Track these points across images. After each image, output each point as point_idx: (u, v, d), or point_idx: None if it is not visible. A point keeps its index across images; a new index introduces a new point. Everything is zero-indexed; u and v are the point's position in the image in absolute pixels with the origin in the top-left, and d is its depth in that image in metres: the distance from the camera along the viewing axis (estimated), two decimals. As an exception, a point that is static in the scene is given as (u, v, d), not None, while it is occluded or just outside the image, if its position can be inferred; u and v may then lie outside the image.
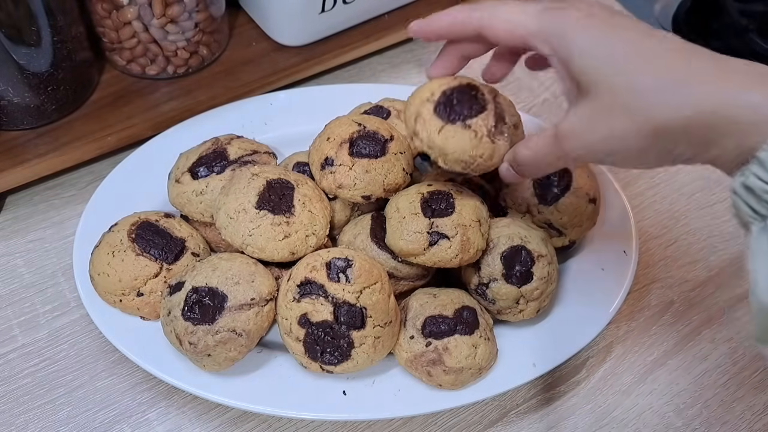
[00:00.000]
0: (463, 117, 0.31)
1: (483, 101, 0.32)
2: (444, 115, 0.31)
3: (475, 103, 0.31)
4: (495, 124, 0.32)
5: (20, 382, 0.38)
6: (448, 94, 0.31)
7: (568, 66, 0.27)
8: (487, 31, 0.29)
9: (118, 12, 0.44)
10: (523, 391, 0.40)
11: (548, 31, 0.27)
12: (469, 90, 0.32)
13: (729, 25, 0.62)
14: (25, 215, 0.45)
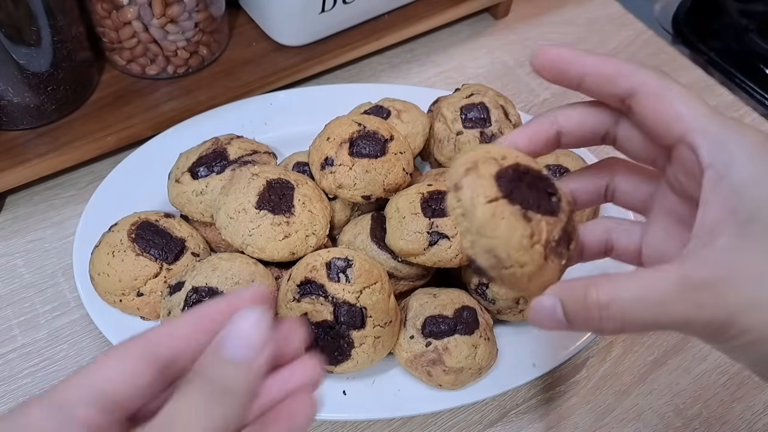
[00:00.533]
0: (527, 204, 0.22)
1: (557, 207, 0.23)
2: (505, 187, 0.22)
3: (547, 201, 0.23)
4: (558, 240, 0.23)
5: (20, 382, 0.38)
6: (522, 171, 0.23)
7: (727, 185, 0.20)
8: (642, 102, 0.21)
9: (118, 12, 0.44)
10: (523, 391, 0.40)
11: (724, 139, 0.20)
12: (547, 185, 0.23)
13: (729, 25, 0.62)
14: (25, 215, 0.45)
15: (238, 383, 0.18)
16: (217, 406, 0.17)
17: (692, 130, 0.20)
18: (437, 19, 0.55)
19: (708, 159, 0.20)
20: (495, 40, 0.59)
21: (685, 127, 0.21)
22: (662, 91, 0.21)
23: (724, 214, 0.19)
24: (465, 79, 0.55)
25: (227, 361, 0.18)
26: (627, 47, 0.60)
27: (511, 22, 0.60)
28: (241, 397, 0.18)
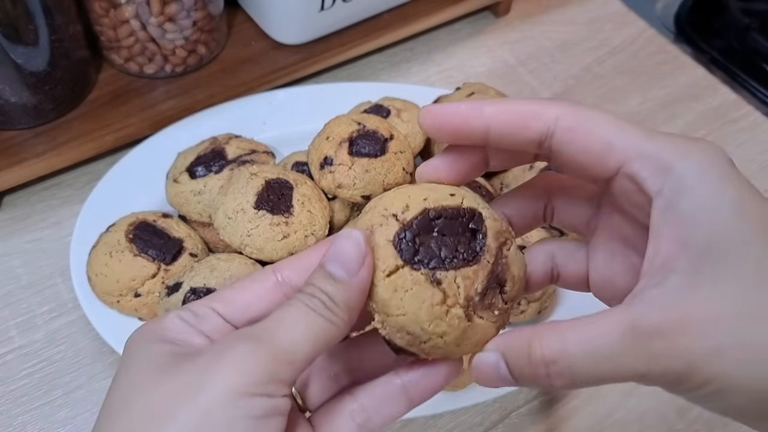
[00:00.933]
0: (436, 263, 0.19)
1: (479, 249, 0.20)
2: (407, 251, 0.19)
3: (466, 246, 0.20)
4: (483, 291, 0.20)
5: (18, 384, 0.38)
6: (431, 218, 0.20)
7: (676, 215, 0.17)
8: (563, 140, 0.19)
9: (116, 10, 0.43)
10: (525, 392, 0.39)
11: (667, 161, 0.18)
12: (467, 219, 0.20)
13: (731, 24, 0.62)
14: (23, 215, 0.45)
15: (339, 298, 0.19)
16: (319, 317, 0.19)
17: (629, 159, 0.18)
18: (437, 18, 0.54)
19: (655, 187, 0.18)
20: (496, 39, 0.58)
21: (620, 156, 0.18)
22: (582, 123, 0.19)
23: (675, 248, 0.17)
24: (465, 77, 0.55)
25: (329, 277, 0.19)
26: (628, 46, 0.59)
27: (512, 20, 0.60)
28: (341, 312, 0.19)
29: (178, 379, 0.18)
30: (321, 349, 0.19)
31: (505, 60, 0.57)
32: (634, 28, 0.61)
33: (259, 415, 0.17)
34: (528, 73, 0.56)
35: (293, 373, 0.18)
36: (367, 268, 0.19)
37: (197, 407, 0.17)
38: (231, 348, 0.18)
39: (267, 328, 0.19)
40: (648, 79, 0.57)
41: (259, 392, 0.17)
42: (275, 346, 0.18)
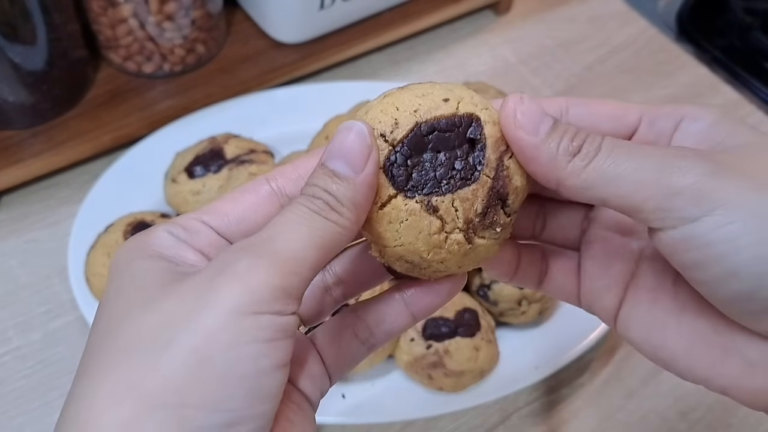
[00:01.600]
0: (431, 187, 0.18)
1: (478, 161, 0.18)
2: (399, 178, 0.18)
3: (463, 160, 0.18)
4: (484, 211, 0.18)
5: (15, 385, 0.38)
6: (424, 134, 0.18)
7: None
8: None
9: (114, 9, 0.43)
10: (525, 394, 0.39)
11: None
12: (464, 129, 0.18)
13: (733, 23, 0.62)
14: (20, 215, 0.44)
15: (345, 197, 0.17)
16: (321, 220, 0.17)
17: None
18: (438, 16, 0.54)
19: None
20: (496, 37, 0.58)
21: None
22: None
23: None
24: (466, 76, 0.54)
25: (332, 175, 0.17)
26: (630, 45, 0.59)
27: (513, 18, 0.59)
28: (348, 212, 0.17)
29: (175, 300, 0.16)
30: (329, 255, 0.17)
31: (505, 59, 0.57)
32: (636, 27, 0.60)
33: (269, 337, 0.16)
34: (529, 72, 0.56)
35: (301, 284, 0.16)
36: (373, 163, 0.17)
37: (199, 330, 0.15)
38: (231, 263, 0.16)
39: (267, 237, 0.16)
40: (650, 78, 0.57)
41: (265, 310, 0.16)
42: (278, 256, 0.16)
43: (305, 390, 0.19)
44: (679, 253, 0.17)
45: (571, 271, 0.22)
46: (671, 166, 0.17)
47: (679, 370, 0.20)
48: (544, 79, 0.56)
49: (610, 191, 0.18)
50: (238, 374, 0.15)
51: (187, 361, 0.15)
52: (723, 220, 0.16)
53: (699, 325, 0.19)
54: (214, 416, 0.15)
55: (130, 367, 0.15)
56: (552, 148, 0.18)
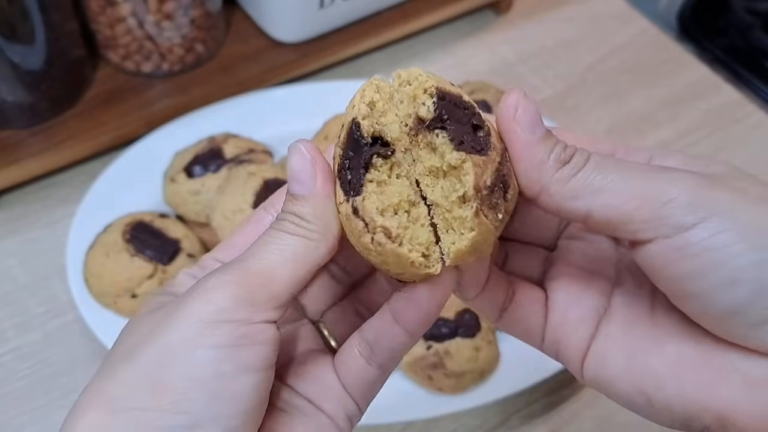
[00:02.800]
0: (356, 188, 0.18)
1: (485, 143, 0.18)
2: (347, 182, 0.18)
3: (472, 135, 0.18)
4: (492, 187, 0.18)
5: (15, 385, 0.38)
6: (356, 132, 0.18)
7: None
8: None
9: (113, 8, 0.43)
10: (526, 395, 0.39)
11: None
12: (468, 114, 0.18)
13: (734, 23, 0.62)
14: (19, 215, 0.44)
15: (306, 213, 0.18)
16: (289, 236, 0.18)
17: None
18: (438, 15, 0.54)
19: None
20: (497, 37, 0.58)
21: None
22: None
23: None
24: (466, 75, 0.54)
25: (292, 198, 0.19)
26: (631, 44, 0.59)
27: (513, 18, 0.59)
28: (314, 226, 0.18)
29: (151, 320, 0.18)
30: (305, 268, 0.18)
31: (506, 58, 0.57)
32: (637, 27, 0.60)
33: (230, 343, 0.17)
34: (529, 72, 0.56)
35: (272, 295, 0.17)
36: (322, 175, 0.18)
37: (160, 342, 0.17)
38: (202, 282, 0.18)
39: (240, 258, 0.18)
40: (651, 77, 0.57)
41: (227, 318, 0.17)
42: (246, 271, 0.18)
43: (320, 404, 0.19)
44: (672, 264, 0.17)
45: (538, 301, 0.21)
46: (660, 177, 0.17)
47: (666, 397, 0.18)
48: (544, 78, 0.55)
49: (597, 202, 0.17)
50: (196, 378, 0.16)
51: (148, 368, 0.17)
52: (719, 226, 0.16)
53: (686, 350, 0.18)
54: (174, 418, 0.16)
55: (102, 378, 0.17)
56: (544, 153, 0.18)
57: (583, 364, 0.20)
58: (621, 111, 0.54)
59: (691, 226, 0.16)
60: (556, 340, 0.20)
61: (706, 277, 0.17)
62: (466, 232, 0.17)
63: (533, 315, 0.21)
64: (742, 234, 0.16)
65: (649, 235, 0.17)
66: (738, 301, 0.16)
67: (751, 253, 0.16)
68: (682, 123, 0.54)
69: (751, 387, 0.17)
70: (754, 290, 0.16)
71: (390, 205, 0.18)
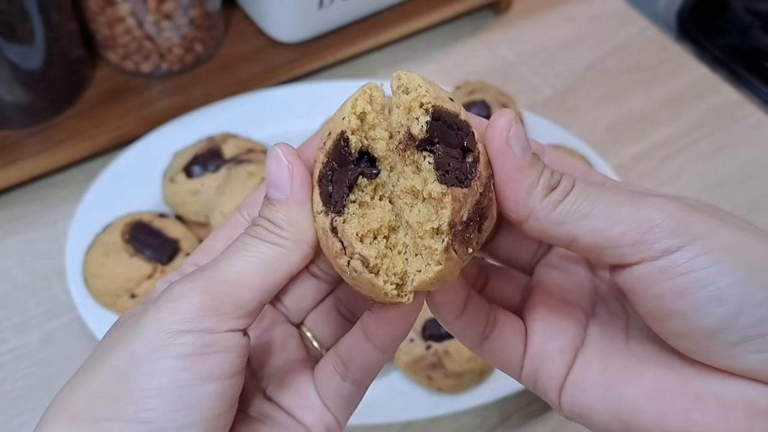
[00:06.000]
0: (338, 206, 0.18)
1: (470, 171, 0.18)
2: (326, 192, 0.18)
3: (459, 162, 0.18)
4: (468, 222, 0.17)
5: (13, 385, 0.38)
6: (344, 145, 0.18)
7: None
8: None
9: (112, 8, 0.43)
10: (525, 394, 0.39)
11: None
12: (461, 135, 0.18)
13: (734, 23, 0.62)
14: (17, 215, 0.44)
15: (280, 219, 0.18)
16: (261, 244, 0.18)
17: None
18: (437, 15, 0.54)
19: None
20: (496, 37, 0.58)
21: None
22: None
23: None
24: (465, 75, 0.54)
25: (269, 203, 0.19)
26: (631, 44, 0.59)
27: (513, 17, 0.59)
28: (287, 233, 0.18)
29: (120, 329, 0.18)
30: (276, 276, 0.18)
31: (505, 58, 0.56)
32: (636, 26, 0.60)
33: (191, 352, 0.17)
34: (529, 71, 0.56)
35: (239, 303, 0.17)
36: (299, 179, 0.18)
37: (124, 352, 0.17)
38: (167, 291, 0.18)
39: (209, 265, 0.18)
40: (650, 77, 0.57)
41: (190, 328, 0.17)
42: (213, 279, 0.17)
43: (299, 416, 0.20)
44: (657, 284, 0.17)
45: (519, 332, 0.21)
46: (645, 203, 0.18)
47: (644, 423, 0.18)
48: (544, 78, 0.55)
49: (583, 227, 0.18)
50: (156, 387, 0.16)
51: (112, 378, 0.17)
52: (703, 249, 0.17)
53: (663, 377, 0.19)
54: (137, 428, 0.16)
55: (70, 388, 0.17)
56: (533, 178, 0.18)
57: (561, 394, 0.20)
58: (620, 110, 0.54)
59: (676, 249, 0.17)
60: (534, 369, 0.21)
61: (690, 296, 0.17)
62: (432, 264, 0.17)
63: (513, 345, 0.21)
64: (724, 256, 0.17)
65: (635, 258, 0.17)
66: (720, 319, 0.17)
67: (734, 274, 0.17)
68: (682, 123, 0.54)
69: (726, 410, 0.18)
70: (736, 309, 0.17)
71: (370, 230, 0.17)
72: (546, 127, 0.46)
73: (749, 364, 0.17)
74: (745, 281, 0.17)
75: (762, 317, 0.17)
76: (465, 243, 0.17)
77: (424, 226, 0.17)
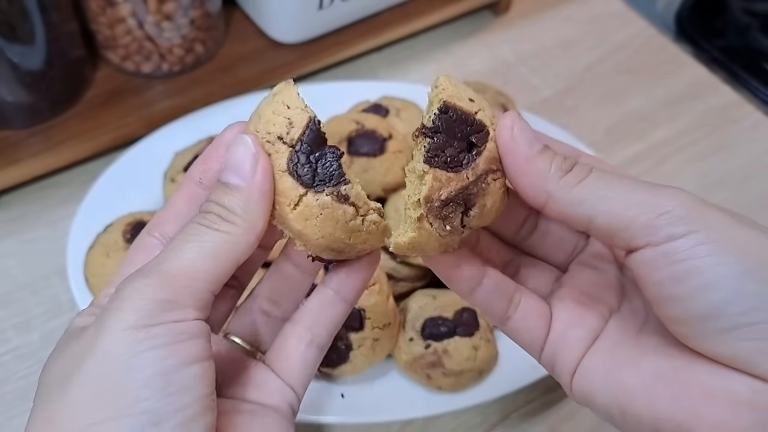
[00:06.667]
0: (338, 178, 0.19)
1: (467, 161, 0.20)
2: (305, 175, 0.19)
3: (456, 151, 0.19)
4: (446, 202, 0.19)
5: (14, 385, 0.38)
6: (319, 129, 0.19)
7: None
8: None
9: (112, 8, 0.43)
10: (525, 393, 0.39)
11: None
12: (471, 131, 0.20)
13: (732, 23, 0.62)
14: (19, 215, 0.44)
15: (237, 206, 0.18)
16: (211, 233, 0.18)
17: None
18: (437, 16, 0.54)
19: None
20: (495, 37, 0.58)
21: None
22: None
23: None
24: (465, 76, 0.54)
25: (225, 188, 0.19)
26: (629, 45, 0.59)
27: (512, 18, 0.59)
28: (239, 220, 0.18)
29: (79, 341, 0.18)
30: (228, 264, 0.18)
31: (504, 58, 0.57)
32: (635, 27, 0.60)
33: (166, 342, 0.17)
34: (528, 72, 0.56)
35: (196, 295, 0.18)
36: (263, 169, 0.19)
37: (97, 354, 0.17)
38: (122, 289, 0.18)
39: (159, 259, 0.18)
40: (648, 78, 0.57)
41: (157, 322, 0.17)
42: (166, 274, 0.18)
43: (257, 399, 0.21)
44: (660, 268, 0.18)
45: (544, 316, 0.22)
46: (659, 191, 0.19)
47: (637, 410, 0.20)
48: (543, 78, 0.56)
49: (600, 208, 0.19)
50: (144, 378, 0.17)
51: (93, 382, 0.17)
52: (706, 238, 0.18)
53: (660, 366, 0.20)
54: (136, 420, 0.16)
55: (44, 408, 0.17)
56: (545, 164, 0.19)
57: (572, 378, 0.21)
58: (619, 111, 0.54)
59: (680, 236, 0.18)
60: (553, 353, 0.22)
61: (687, 281, 0.18)
62: (408, 231, 0.19)
63: (537, 327, 0.22)
64: (725, 247, 0.18)
65: (641, 242, 0.18)
66: (712, 305, 0.18)
67: (732, 265, 0.18)
68: (681, 123, 0.54)
69: (710, 398, 0.18)
70: (729, 297, 0.18)
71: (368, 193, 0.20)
72: (545, 128, 0.47)
73: (737, 352, 0.18)
74: (741, 273, 0.17)
75: (753, 306, 0.17)
76: (442, 219, 0.19)
77: (411, 198, 0.20)
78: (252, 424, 0.20)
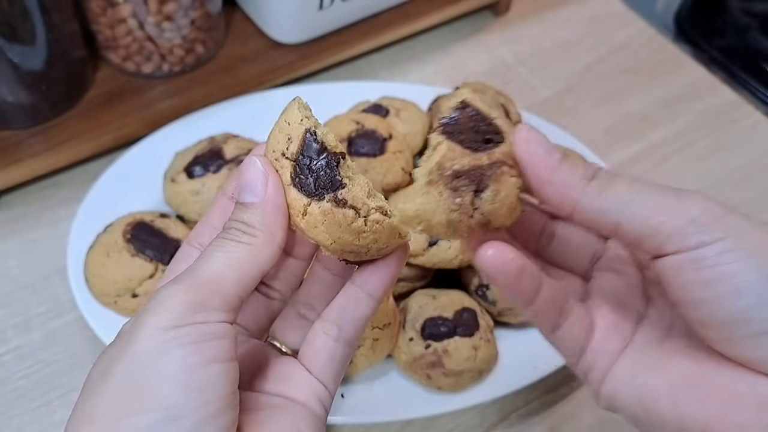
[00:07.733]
0: (335, 184, 0.20)
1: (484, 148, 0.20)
2: (306, 186, 0.20)
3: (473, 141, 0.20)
4: (459, 174, 0.20)
5: (15, 384, 0.38)
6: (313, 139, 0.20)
7: None
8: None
9: (113, 9, 0.43)
10: (524, 393, 0.39)
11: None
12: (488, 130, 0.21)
13: (731, 24, 0.62)
14: (19, 215, 0.44)
15: (255, 221, 0.20)
16: (237, 244, 0.20)
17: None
18: (437, 17, 0.54)
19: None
20: (495, 38, 0.58)
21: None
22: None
23: None
24: (465, 76, 0.54)
25: (242, 206, 0.21)
26: (629, 45, 0.59)
27: (512, 19, 0.60)
28: (260, 233, 0.20)
29: (121, 338, 0.19)
30: (252, 271, 0.20)
31: (504, 59, 0.57)
32: (634, 28, 0.60)
33: (192, 341, 0.18)
34: (528, 73, 0.56)
35: (224, 299, 0.19)
36: (273, 184, 0.20)
37: (129, 355, 0.18)
38: (157, 294, 0.19)
39: (189, 269, 0.20)
40: (648, 78, 0.57)
41: (186, 322, 0.18)
42: (196, 280, 0.19)
43: (292, 396, 0.22)
44: (688, 273, 0.19)
45: (586, 324, 0.23)
46: (686, 198, 0.19)
47: (661, 411, 0.20)
48: (542, 79, 0.56)
49: (627, 214, 0.19)
50: (170, 375, 0.18)
51: (124, 380, 0.18)
52: (733, 245, 0.18)
53: (686, 368, 0.20)
54: (159, 414, 0.18)
55: (84, 403, 0.19)
56: (568, 172, 0.20)
57: (601, 385, 0.22)
58: (619, 111, 0.54)
59: (709, 243, 0.19)
60: (590, 362, 0.22)
61: (716, 286, 0.18)
62: (417, 197, 0.20)
63: (581, 336, 0.23)
64: (751, 254, 0.18)
65: (672, 248, 0.19)
66: (739, 310, 0.18)
67: (758, 271, 0.18)
68: (680, 123, 0.55)
69: (737, 401, 0.19)
70: (755, 302, 0.18)
71: (369, 191, 0.20)
72: (544, 128, 0.47)
73: (765, 356, 0.18)
74: (766, 279, 0.18)
75: None
76: (454, 190, 0.19)
77: (425, 168, 0.20)
78: (279, 418, 0.21)
